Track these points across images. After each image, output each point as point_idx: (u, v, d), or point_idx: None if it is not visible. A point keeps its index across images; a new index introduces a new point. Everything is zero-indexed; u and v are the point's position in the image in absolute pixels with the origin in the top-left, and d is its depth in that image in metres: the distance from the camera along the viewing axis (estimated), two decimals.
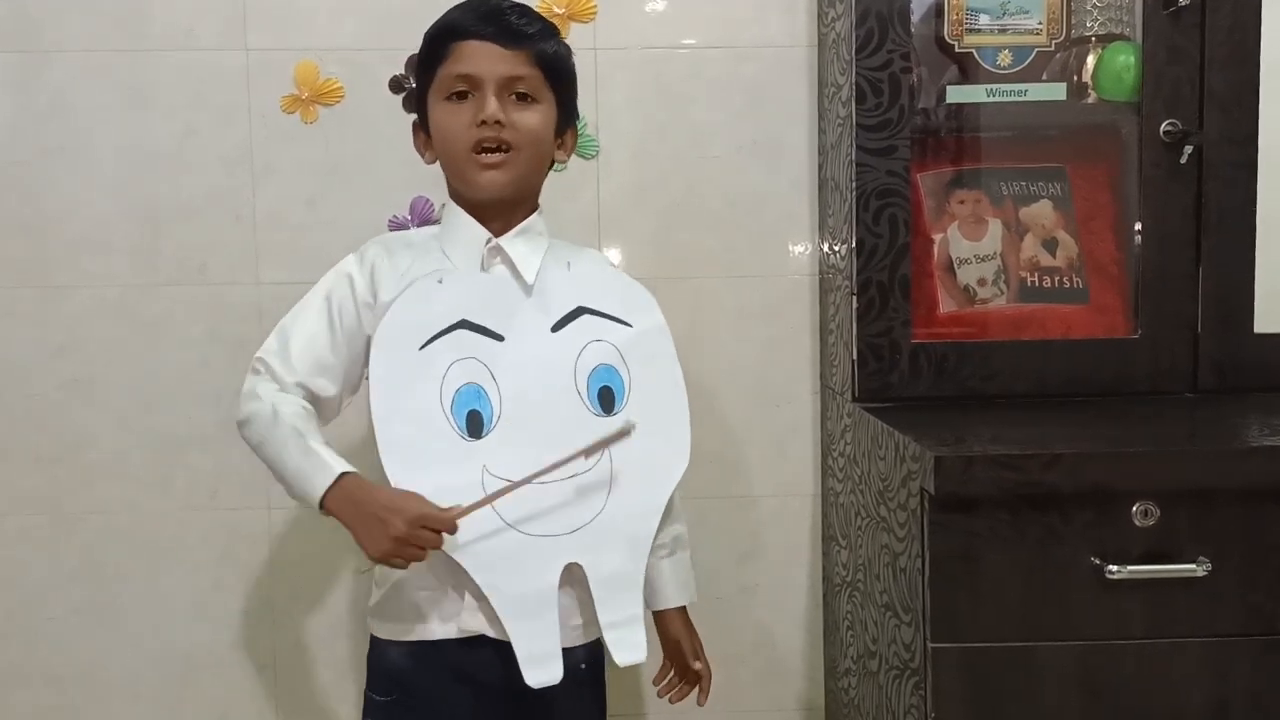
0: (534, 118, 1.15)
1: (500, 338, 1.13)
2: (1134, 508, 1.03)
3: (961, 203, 1.42)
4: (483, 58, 1.13)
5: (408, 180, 1.49)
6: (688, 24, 1.55)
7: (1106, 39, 1.37)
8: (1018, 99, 1.36)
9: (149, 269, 1.54)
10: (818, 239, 1.56)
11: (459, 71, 1.13)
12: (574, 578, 1.12)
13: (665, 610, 1.24)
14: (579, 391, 1.14)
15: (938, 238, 1.41)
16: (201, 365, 1.54)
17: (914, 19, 1.32)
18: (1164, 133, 1.28)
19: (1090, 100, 1.38)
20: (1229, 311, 1.30)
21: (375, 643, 1.19)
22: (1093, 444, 1.08)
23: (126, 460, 1.55)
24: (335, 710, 1.59)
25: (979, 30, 1.37)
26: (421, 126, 1.20)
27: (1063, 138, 1.44)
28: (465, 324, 1.12)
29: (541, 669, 1.09)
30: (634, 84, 1.55)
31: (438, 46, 1.15)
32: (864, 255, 1.30)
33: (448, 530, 1.05)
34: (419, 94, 1.19)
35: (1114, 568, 1.02)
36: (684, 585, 1.25)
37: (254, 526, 1.56)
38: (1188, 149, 1.28)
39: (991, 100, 1.37)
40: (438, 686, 1.14)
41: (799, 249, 1.57)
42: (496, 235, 1.17)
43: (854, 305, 1.31)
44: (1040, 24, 1.37)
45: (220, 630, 1.58)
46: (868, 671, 1.32)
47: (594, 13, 1.53)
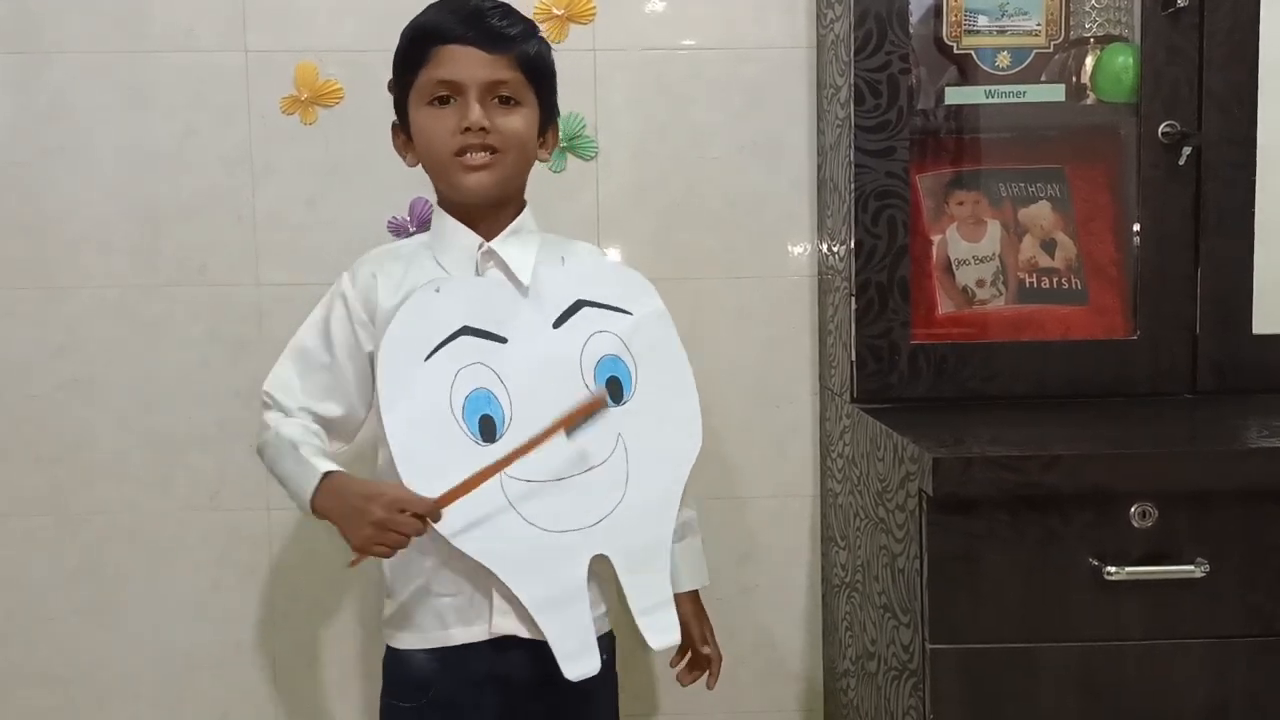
0: (518, 121, 1.15)
1: (503, 340, 1.13)
2: (1133, 509, 1.03)
3: (960, 204, 1.42)
4: (465, 63, 1.12)
5: (407, 181, 1.48)
6: (687, 24, 1.55)
7: (1105, 40, 1.37)
8: (1016, 100, 1.36)
9: (149, 269, 1.54)
10: (817, 240, 1.56)
11: (440, 77, 1.12)
12: (592, 569, 1.13)
13: (676, 594, 1.24)
14: (587, 385, 1.14)
15: (936, 239, 1.41)
16: (201, 365, 1.55)
17: (913, 20, 1.32)
18: (1163, 134, 1.28)
19: (1089, 101, 1.38)
20: (1228, 312, 1.30)
21: (394, 653, 1.19)
22: (1092, 445, 1.08)
23: (127, 460, 1.55)
24: (335, 710, 1.59)
25: (978, 31, 1.37)
26: (401, 128, 1.20)
27: (1061, 139, 1.44)
28: (467, 330, 1.12)
29: (579, 662, 1.10)
30: (634, 84, 1.55)
31: (417, 50, 1.14)
32: (863, 256, 1.30)
33: (428, 515, 1.05)
34: (397, 96, 1.18)
35: (1113, 569, 1.02)
36: (695, 569, 1.26)
37: (254, 527, 1.57)
38: (1186, 150, 1.28)
39: (990, 101, 1.37)
40: (467, 689, 1.15)
41: (798, 250, 1.57)
42: (486, 237, 1.17)
43: (853, 306, 1.31)
44: (1039, 25, 1.37)
45: (220, 630, 1.58)
46: (866, 672, 1.32)
47: (593, 13, 1.53)
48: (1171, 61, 1.28)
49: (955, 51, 1.38)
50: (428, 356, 1.10)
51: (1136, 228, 1.32)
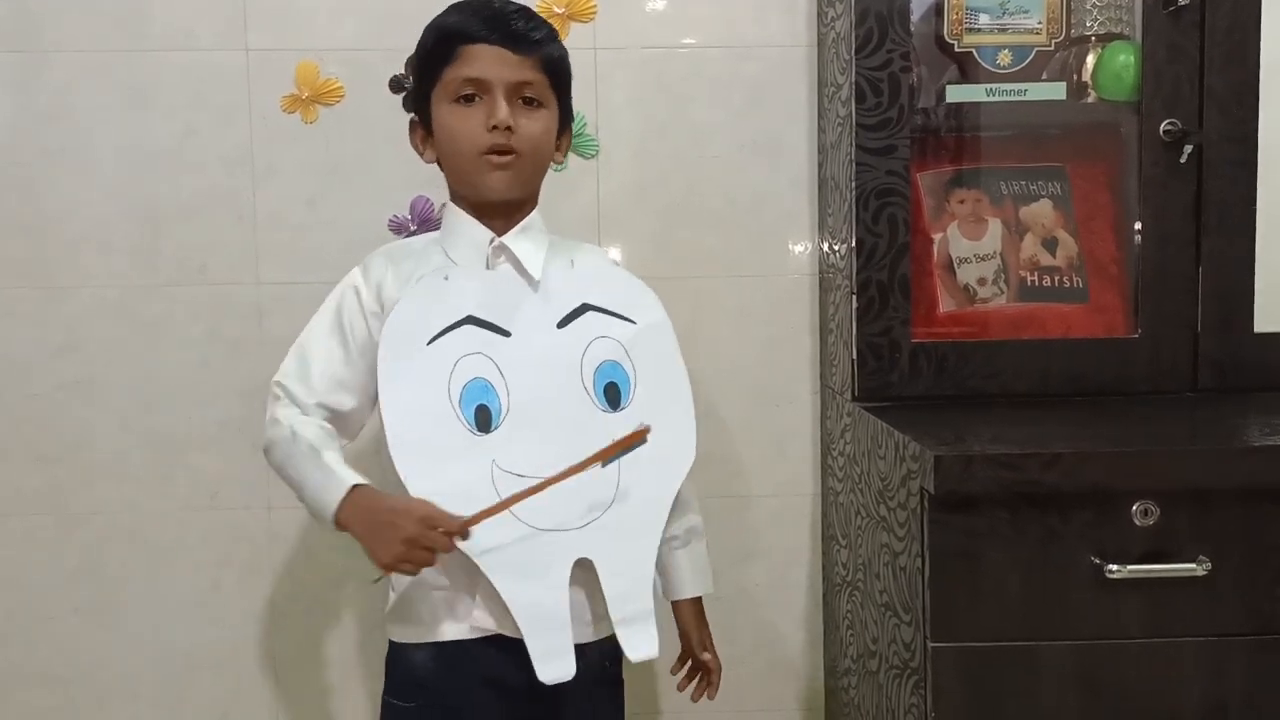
0: (539, 124, 1.16)
1: (507, 334, 1.13)
2: (1134, 507, 1.03)
3: (961, 202, 1.42)
4: (492, 62, 1.13)
5: (408, 180, 1.49)
6: (688, 24, 1.55)
7: (1106, 38, 1.37)
8: (1017, 98, 1.36)
9: (149, 269, 1.54)
10: (817, 238, 1.56)
11: (468, 75, 1.13)
12: (586, 573, 1.12)
13: (679, 601, 1.25)
14: (585, 387, 1.14)
15: (937, 237, 1.41)
16: (201, 365, 1.54)
17: (914, 18, 1.32)
18: (1164, 132, 1.28)
19: (1090, 100, 1.38)
20: (1229, 311, 1.30)
21: (395, 647, 1.19)
22: (1093, 443, 1.08)
23: (127, 460, 1.55)
24: (336, 710, 1.59)
25: (979, 30, 1.37)
26: (421, 125, 1.20)
27: (1062, 137, 1.44)
28: (472, 320, 1.12)
29: (554, 664, 1.09)
30: (634, 83, 1.55)
31: (443, 48, 1.15)
32: (864, 254, 1.30)
33: (458, 534, 1.05)
34: (420, 93, 1.19)
35: (1114, 567, 1.02)
36: (699, 576, 1.25)
37: (254, 527, 1.56)
38: (1187, 148, 1.28)
39: (991, 100, 1.37)
40: (463, 690, 1.14)
41: (799, 248, 1.57)
42: (498, 234, 1.17)
43: (854, 304, 1.31)
44: (1040, 23, 1.37)
45: (220, 630, 1.58)
46: (867, 671, 1.32)
47: (594, 12, 1.53)
48: (1173, 60, 1.28)
49: (956, 50, 1.38)
50: (430, 340, 1.11)
51: (1138, 226, 1.32)
